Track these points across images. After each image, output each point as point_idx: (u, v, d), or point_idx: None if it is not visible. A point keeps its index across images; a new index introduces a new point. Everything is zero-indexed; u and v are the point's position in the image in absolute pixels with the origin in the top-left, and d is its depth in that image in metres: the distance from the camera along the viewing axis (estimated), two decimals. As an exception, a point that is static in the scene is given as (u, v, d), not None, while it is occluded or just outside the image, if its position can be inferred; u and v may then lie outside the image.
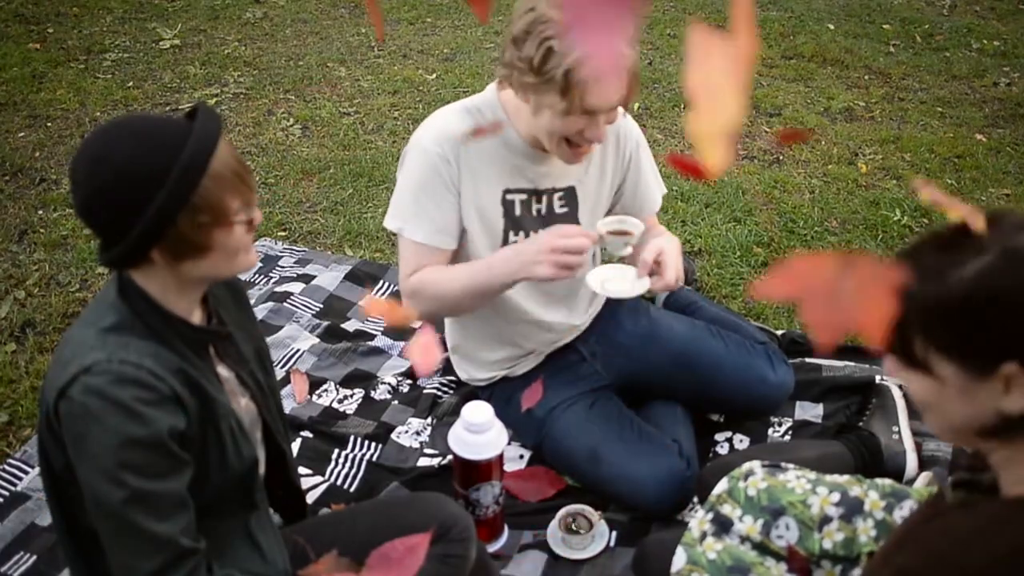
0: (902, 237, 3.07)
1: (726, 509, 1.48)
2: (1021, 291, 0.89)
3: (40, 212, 3.17)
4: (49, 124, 3.87)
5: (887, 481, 1.47)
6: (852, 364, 2.32)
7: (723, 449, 2.11)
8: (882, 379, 2.21)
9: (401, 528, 1.42)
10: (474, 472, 1.71)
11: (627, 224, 1.72)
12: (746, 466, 1.53)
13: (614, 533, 1.85)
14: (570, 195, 1.90)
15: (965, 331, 0.91)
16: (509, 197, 1.86)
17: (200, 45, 4.82)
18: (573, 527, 1.81)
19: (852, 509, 1.41)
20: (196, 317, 1.32)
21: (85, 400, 1.15)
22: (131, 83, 4.31)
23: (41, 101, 4.08)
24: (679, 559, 1.44)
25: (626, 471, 1.88)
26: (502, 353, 2.04)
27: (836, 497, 1.43)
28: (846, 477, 1.49)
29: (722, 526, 1.46)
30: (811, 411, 2.18)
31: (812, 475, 1.50)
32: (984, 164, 3.65)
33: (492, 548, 1.80)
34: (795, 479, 1.49)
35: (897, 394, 2.11)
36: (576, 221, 1.91)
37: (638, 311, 2.13)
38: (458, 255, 1.88)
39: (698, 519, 1.50)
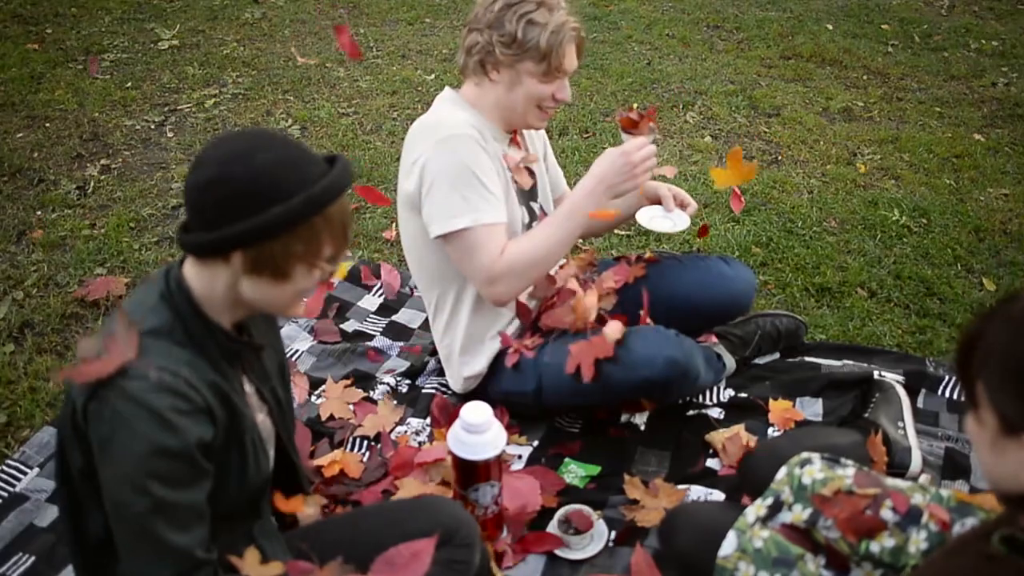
0: (900, 237, 3.07)
1: (785, 493, 1.47)
2: None
3: (39, 213, 3.17)
4: (47, 124, 3.87)
5: (950, 493, 1.43)
6: (850, 363, 2.32)
7: (714, 412, 2.17)
8: (881, 375, 2.21)
9: (405, 532, 1.42)
10: (473, 472, 1.70)
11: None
12: (805, 454, 1.52)
13: (613, 533, 1.85)
14: (532, 175, 2.13)
15: (1010, 385, 0.93)
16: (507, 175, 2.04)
17: (199, 45, 4.82)
18: (572, 527, 1.81)
19: (910, 518, 1.38)
20: (230, 327, 1.33)
21: (118, 404, 1.15)
22: (129, 83, 4.31)
23: (39, 102, 4.08)
24: (729, 544, 1.43)
25: (618, 353, 1.95)
26: (499, 325, 2.12)
27: (894, 503, 1.41)
28: (909, 484, 1.46)
29: (776, 508, 1.45)
30: (811, 408, 2.18)
31: (874, 476, 1.47)
32: (982, 164, 3.65)
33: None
34: (853, 476, 1.46)
35: (901, 391, 2.11)
36: (537, 197, 2.15)
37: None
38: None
39: (755, 505, 1.48)
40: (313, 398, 2.24)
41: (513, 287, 1.94)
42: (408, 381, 2.31)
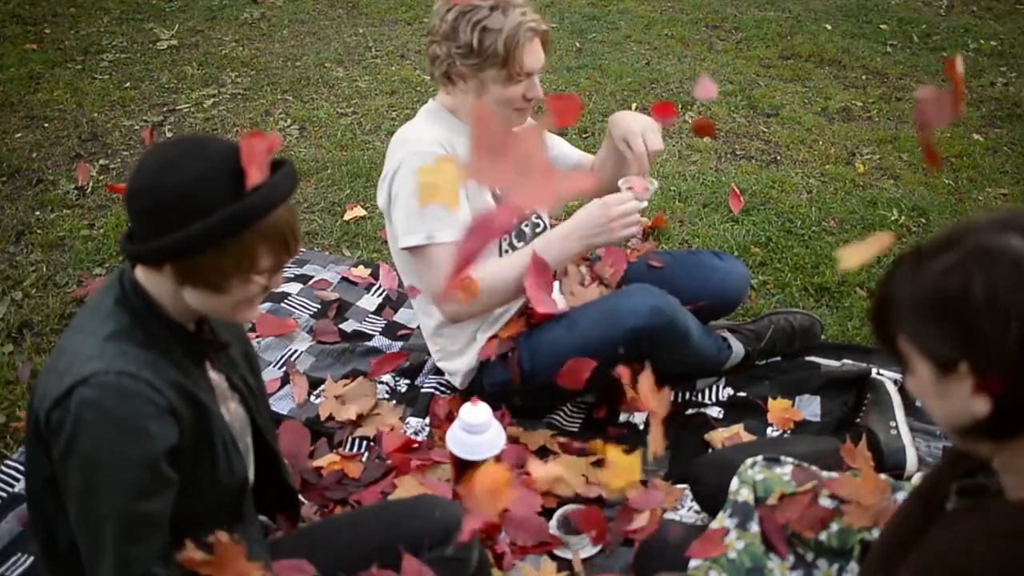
0: (899, 237, 3.07)
1: (744, 494, 1.49)
2: (979, 288, 0.88)
3: (37, 213, 3.17)
4: (46, 125, 3.86)
5: (882, 477, 1.49)
6: (850, 362, 2.32)
7: (714, 412, 2.17)
8: (878, 373, 2.21)
9: (404, 533, 1.42)
10: (472, 472, 1.70)
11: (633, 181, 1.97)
12: (749, 461, 1.56)
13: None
14: None
15: (928, 325, 0.92)
16: None
17: (197, 46, 4.82)
18: (572, 527, 1.81)
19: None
20: (190, 324, 1.32)
21: (81, 412, 1.13)
22: (128, 83, 4.31)
23: (38, 102, 4.08)
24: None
25: (603, 310, 1.98)
26: (486, 322, 2.12)
27: (830, 489, 1.46)
28: (842, 473, 1.52)
29: (745, 516, 1.48)
30: (809, 408, 2.18)
31: (811, 470, 1.52)
32: (981, 164, 3.65)
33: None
34: (790, 473, 1.51)
35: (892, 389, 2.12)
36: None
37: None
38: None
39: (718, 518, 1.51)
40: (312, 398, 2.24)
41: (464, 308, 1.94)
42: (407, 380, 2.31)
